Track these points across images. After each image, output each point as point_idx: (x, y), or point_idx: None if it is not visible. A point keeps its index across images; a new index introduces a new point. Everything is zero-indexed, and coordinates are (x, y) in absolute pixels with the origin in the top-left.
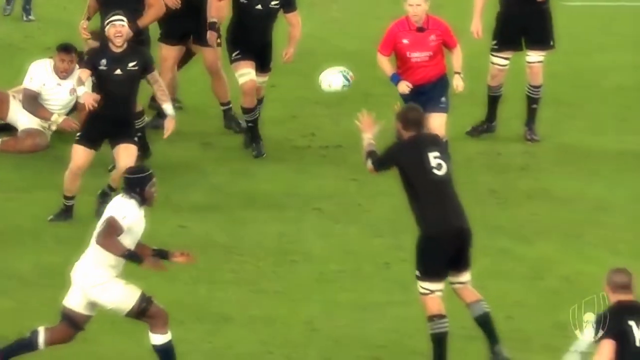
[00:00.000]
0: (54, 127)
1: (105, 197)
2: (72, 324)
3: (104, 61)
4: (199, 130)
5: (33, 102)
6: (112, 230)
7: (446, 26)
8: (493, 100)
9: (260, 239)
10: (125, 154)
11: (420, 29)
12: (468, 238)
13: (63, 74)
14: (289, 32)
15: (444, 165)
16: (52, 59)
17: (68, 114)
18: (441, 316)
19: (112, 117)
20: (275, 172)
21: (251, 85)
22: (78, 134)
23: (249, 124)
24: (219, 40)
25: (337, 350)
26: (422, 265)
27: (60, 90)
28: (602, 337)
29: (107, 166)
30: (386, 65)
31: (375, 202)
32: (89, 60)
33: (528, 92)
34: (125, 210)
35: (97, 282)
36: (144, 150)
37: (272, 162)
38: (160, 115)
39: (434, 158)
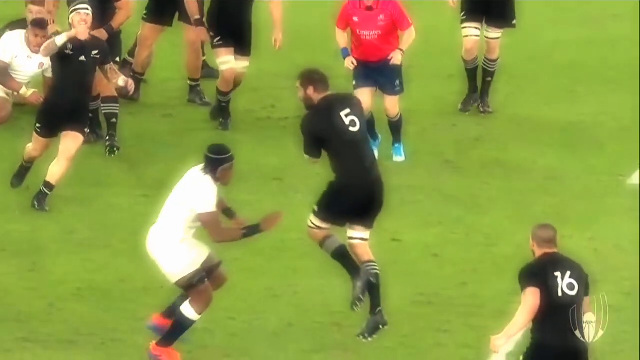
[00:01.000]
0: (20, 100)
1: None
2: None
3: (70, 46)
4: (161, 103)
5: (3, 72)
6: (216, 224)
7: (397, 7)
8: (471, 74)
9: None
10: (72, 141)
11: (369, 8)
12: (380, 194)
13: (36, 48)
14: (272, 16)
15: (358, 122)
16: (26, 31)
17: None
18: (329, 236)
19: (70, 104)
20: (236, 142)
21: (231, 73)
22: (37, 124)
23: (222, 104)
24: (211, 34)
25: (298, 317)
26: (325, 205)
27: (30, 63)
28: (526, 286)
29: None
30: (340, 38)
31: None
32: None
33: (484, 65)
34: (207, 196)
35: (163, 247)
36: (95, 134)
37: (233, 133)
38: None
39: (345, 116)
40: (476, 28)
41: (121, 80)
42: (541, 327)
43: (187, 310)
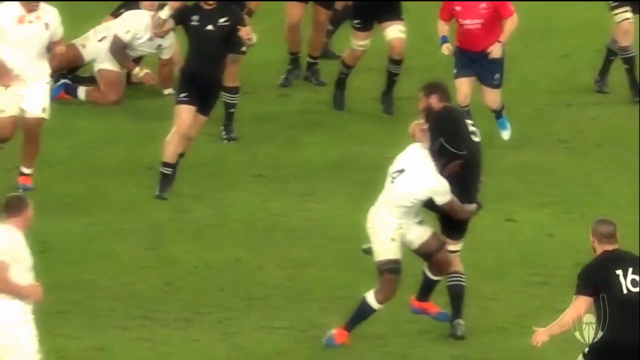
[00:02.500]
0: (134, 79)
1: None
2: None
3: (195, 17)
4: (276, 83)
5: (122, 52)
6: (457, 204)
7: None
8: (631, 62)
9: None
10: (197, 123)
11: None
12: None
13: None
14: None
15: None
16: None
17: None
18: None
19: (204, 75)
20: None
21: (362, 52)
22: (181, 94)
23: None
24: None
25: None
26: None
27: (149, 45)
28: (580, 292)
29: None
30: (441, 28)
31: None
32: (179, 15)
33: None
34: (443, 187)
35: (377, 225)
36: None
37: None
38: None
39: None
40: (629, 11)
41: (254, 37)
42: (608, 325)
43: (369, 298)
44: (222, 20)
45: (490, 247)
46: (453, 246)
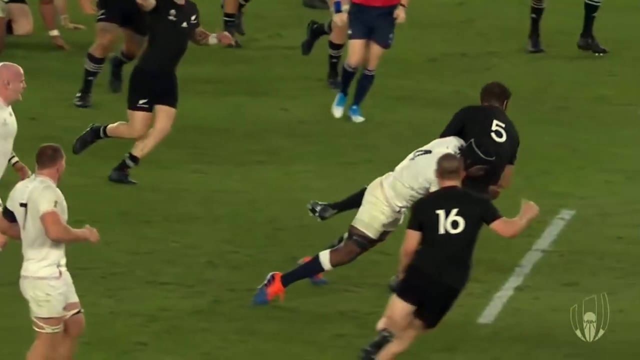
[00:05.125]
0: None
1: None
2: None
3: (173, 11)
4: None
5: None
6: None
7: None
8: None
9: (225, 139)
10: (168, 117)
11: None
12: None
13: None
14: None
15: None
16: None
17: None
18: None
19: (168, 74)
20: (242, 72)
21: None
22: (140, 100)
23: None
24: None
25: (301, 250)
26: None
27: None
28: (409, 225)
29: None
30: None
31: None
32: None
33: None
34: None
35: (379, 203)
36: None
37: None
38: None
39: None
40: None
41: (212, 39)
42: (420, 255)
43: (324, 257)
44: (193, 18)
45: None
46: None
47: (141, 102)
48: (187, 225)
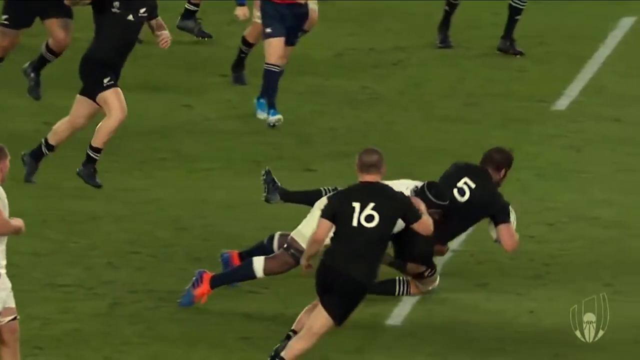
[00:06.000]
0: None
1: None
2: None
3: (116, 3)
4: None
5: None
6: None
7: None
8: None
9: (126, 137)
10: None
11: None
12: None
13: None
14: None
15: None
16: None
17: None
18: None
19: (117, 65)
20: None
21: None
22: (104, 80)
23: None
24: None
25: (206, 250)
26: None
27: None
28: (321, 214)
29: None
30: None
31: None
32: None
33: None
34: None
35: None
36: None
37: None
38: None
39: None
40: None
41: (164, 35)
42: (330, 249)
43: (258, 264)
44: (142, 10)
45: None
46: None
47: (106, 80)
48: (88, 225)
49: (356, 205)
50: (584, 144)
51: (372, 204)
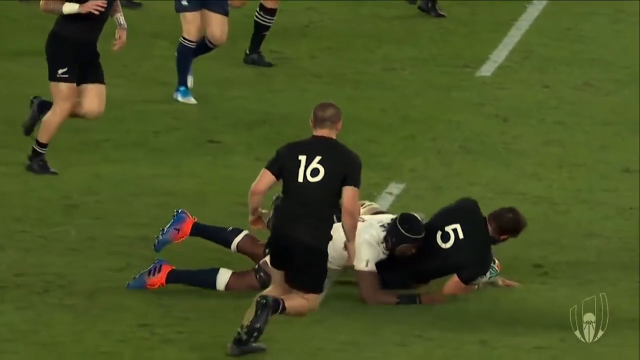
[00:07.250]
0: None
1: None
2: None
3: None
4: None
5: None
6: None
7: None
8: None
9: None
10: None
11: None
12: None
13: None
14: None
15: None
16: None
17: None
18: None
19: (90, 44)
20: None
21: None
22: (59, 70)
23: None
24: None
25: (99, 229)
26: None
27: None
28: (267, 165)
29: None
30: None
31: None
32: None
33: None
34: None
35: None
36: None
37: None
38: None
39: None
40: None
41: (121, 17)
42: (281, 212)
43: (222, 278)
44: None
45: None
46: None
47: (60, 71)
48: None
49: (302, 158)
50: (510, 113)
51: (318, 157)
